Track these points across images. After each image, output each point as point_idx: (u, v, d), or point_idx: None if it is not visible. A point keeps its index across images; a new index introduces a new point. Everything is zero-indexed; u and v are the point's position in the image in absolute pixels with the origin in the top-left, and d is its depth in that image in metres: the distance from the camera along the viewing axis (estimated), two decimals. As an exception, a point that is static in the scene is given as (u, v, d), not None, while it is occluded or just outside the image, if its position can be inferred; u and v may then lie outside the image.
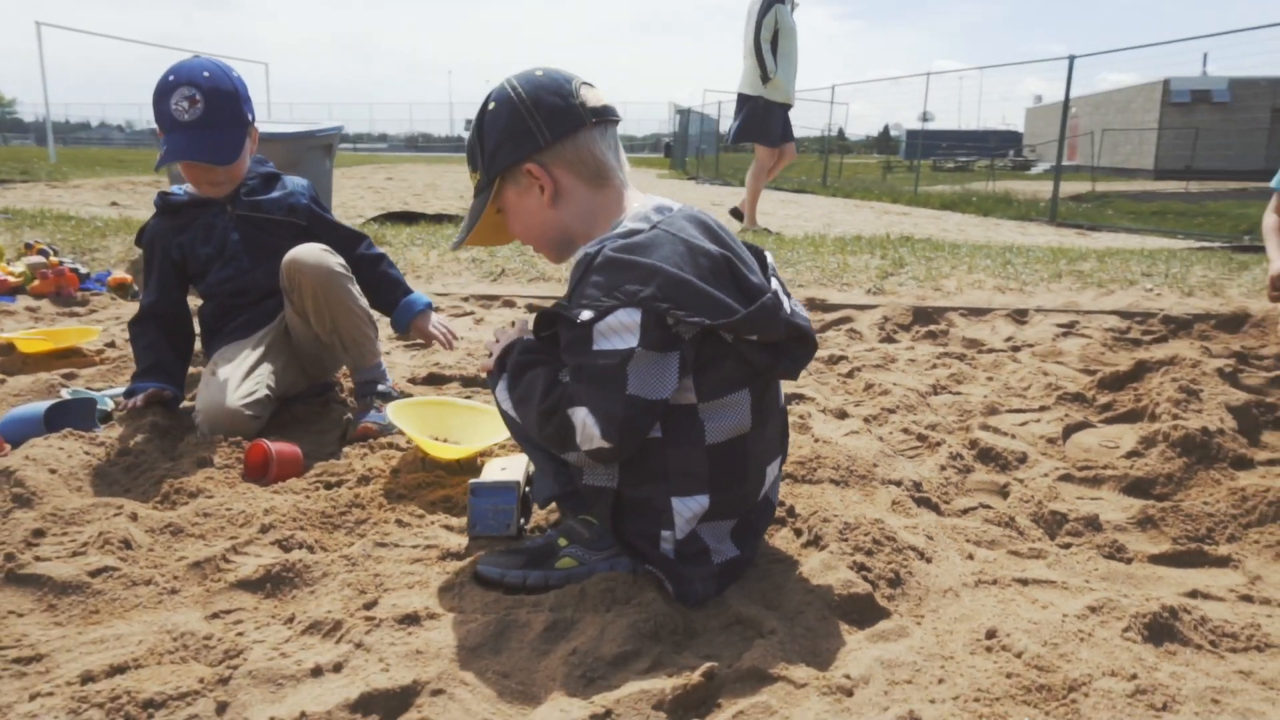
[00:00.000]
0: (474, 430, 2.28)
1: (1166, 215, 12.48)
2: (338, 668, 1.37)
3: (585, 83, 1.68)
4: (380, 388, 2.52)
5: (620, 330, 1.46)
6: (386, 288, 2.63)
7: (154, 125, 2.38)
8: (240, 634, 1.46)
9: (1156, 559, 1.88)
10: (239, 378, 2.36)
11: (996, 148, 43.33)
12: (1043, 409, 2.84)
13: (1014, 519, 2.01)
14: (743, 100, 7.64)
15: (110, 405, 2.55)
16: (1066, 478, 2.31)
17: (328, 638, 1.46)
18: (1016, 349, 3.70)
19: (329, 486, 2.10)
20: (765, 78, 7.35)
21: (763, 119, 7.56)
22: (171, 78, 2.34)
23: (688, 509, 1.55)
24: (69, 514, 1.88)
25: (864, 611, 1.56)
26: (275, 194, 2.60)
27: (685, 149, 29.70)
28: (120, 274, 4.48)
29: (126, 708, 1.25)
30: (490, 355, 1.73)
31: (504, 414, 1.65)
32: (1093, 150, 27.96)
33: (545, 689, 1.34)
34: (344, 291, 2.39)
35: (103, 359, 3.22)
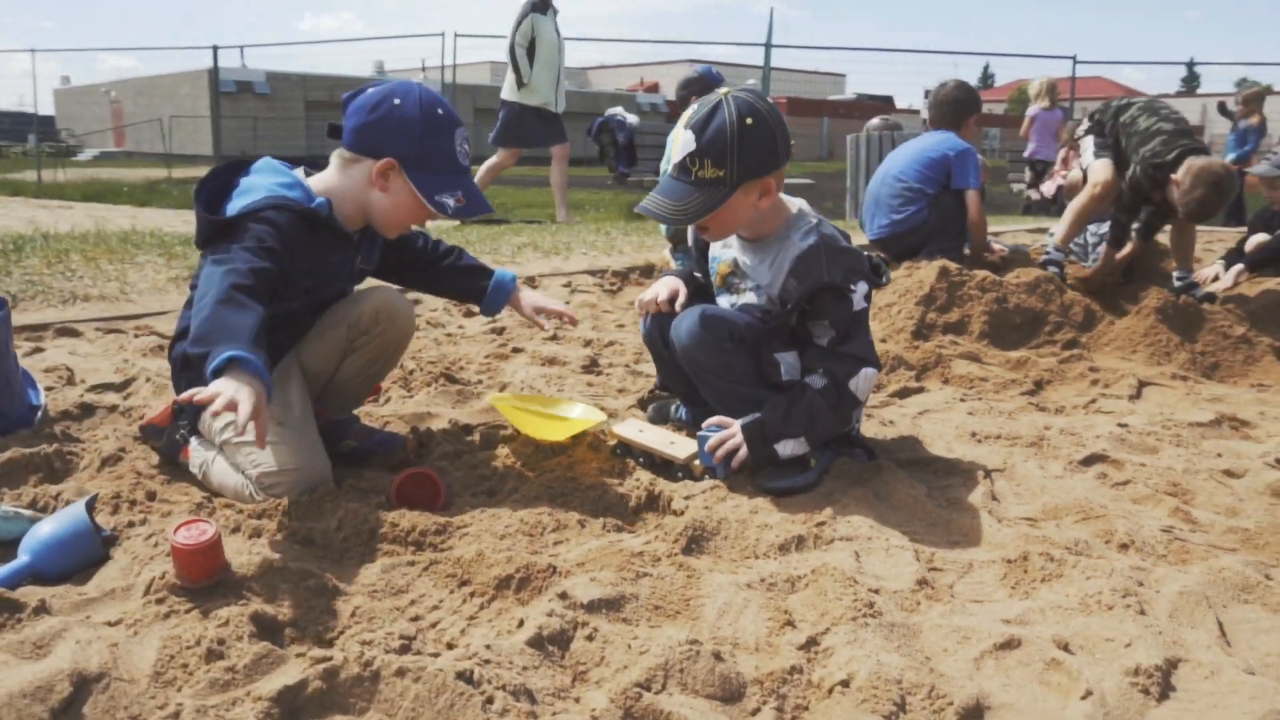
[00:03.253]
0: (559, 411, 2.45)
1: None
2: (858, 555, 1.87)
3: None
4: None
5: (861, 297, 2.19)
6: (467, 273, 2.49)
7: None
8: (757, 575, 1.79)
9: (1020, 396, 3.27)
10: (312, 430, 2.05)
11: (11, 129, 38.81)
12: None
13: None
14: (503, 105, 8.18)
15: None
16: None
17: (796, 551, 1.89)
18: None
19: (493, 494, 2.13)
20: (520, 82, 7.94)
21: (517, 121, 8.12)
22: (441, 111, 1.99)
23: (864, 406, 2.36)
24: (395, 587, 1.67)
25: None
26: (377, 251, 2.33)
27: None
28: None
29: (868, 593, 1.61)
30: (733, 451, 2.15)
31: (794, 456, 2.18)
32: (164, 136, 28.10)
33: (928, 517, 2.08)
34: (408, 344, 2.35)
35: None
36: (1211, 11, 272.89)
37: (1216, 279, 4.83)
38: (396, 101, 2.01)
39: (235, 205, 1.99)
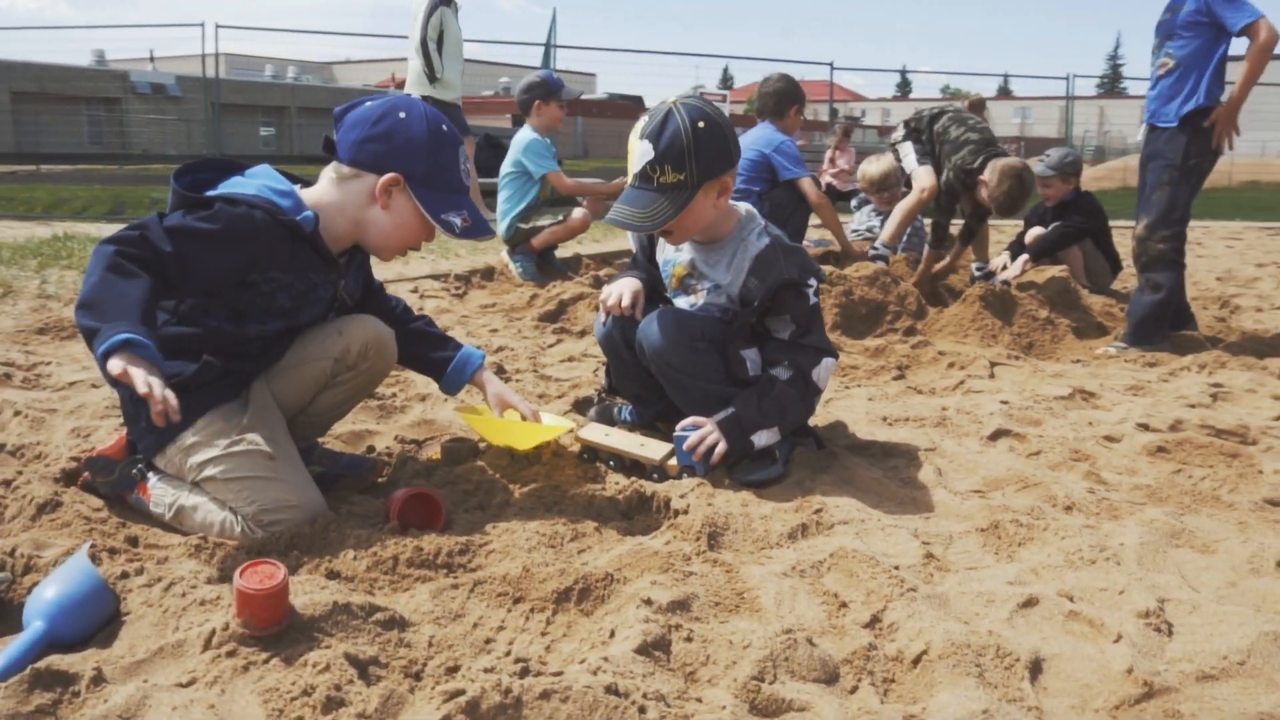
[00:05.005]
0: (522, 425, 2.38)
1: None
2: (860, 536, 2.01)
3: None
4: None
5: (813, 292, 2.35)
6: (433, 343, 2.28)
7: None
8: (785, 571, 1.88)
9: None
10: (299, 460, 1.92)
11: None
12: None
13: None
14: None
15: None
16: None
17: (804, 538, 2.00)
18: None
19: (484, 509, 2.08)
20: (433, 77, 7.43)
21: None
22: (446, 127, 1.85)
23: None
24: (453, 612, 1.61)
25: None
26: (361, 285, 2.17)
27: None
28: None
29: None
30: (712, 448, 2.22)
31: (767, 447, 2.29)
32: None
33: (896, 496, 2.26)
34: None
35: None
36: (920, 23, 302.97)
37: (1005, 268, 5.45)
38: (402, 115, 1.90)
39: (217, 193, 1.84)
